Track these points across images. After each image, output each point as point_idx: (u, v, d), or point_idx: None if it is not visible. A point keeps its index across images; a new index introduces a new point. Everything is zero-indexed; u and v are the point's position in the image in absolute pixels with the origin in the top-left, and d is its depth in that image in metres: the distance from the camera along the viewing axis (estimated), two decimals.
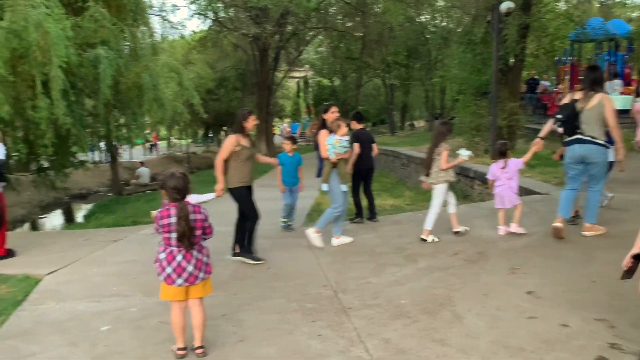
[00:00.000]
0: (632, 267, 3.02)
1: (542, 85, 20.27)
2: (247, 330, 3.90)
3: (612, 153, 5.89)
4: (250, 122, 5.81)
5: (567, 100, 5.77)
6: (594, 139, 5.49)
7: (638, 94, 16.18)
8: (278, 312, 4.25)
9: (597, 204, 5.77)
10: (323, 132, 6.27)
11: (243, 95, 34.91)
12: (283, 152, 7.43)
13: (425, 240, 6.14)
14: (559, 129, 5.74)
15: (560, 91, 17.68)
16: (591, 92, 5.53)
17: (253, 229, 5.82)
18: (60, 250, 6.96)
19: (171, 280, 3.38)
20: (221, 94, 33.35)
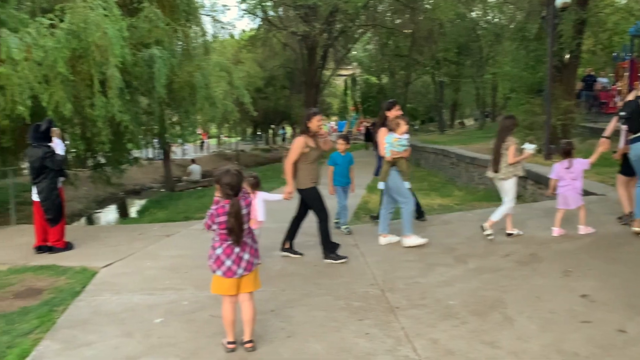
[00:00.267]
0: None
1: (599, 83, 19.52)
2: (295, 326, 3.94)
3: None
4: (314, 123, 5.72)
5: (631, 97, 5.61)
6: None
7: None
8: (325, 309, 4.27)
9: None
10: (382, 130, 6.19)
11: (291, 93, 35.22)
12: (335, 152, 7.26)
13: (485, 230, 6.11)
14: (623, 127, 5.57)
15: (618, 88, 16.98)
16: None
17: (326, 228, 5.75)
18: (115, 243, 7.21)
19: (232, 273, 3.46)
20: (270, 93, 33.79)
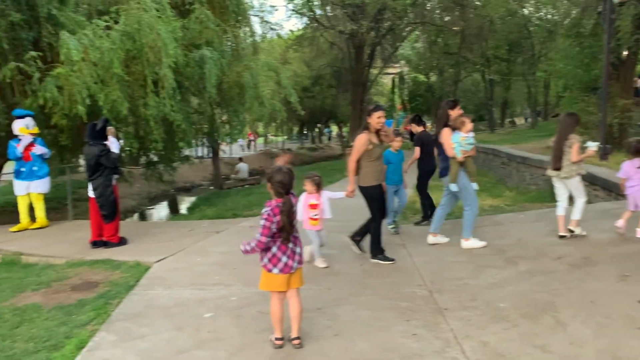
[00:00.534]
0: None
1: None
2: (341, 324, 3.95)
3: None
4: (374, 119, 5.50)
5: None
6: None
7: None
8: (371, 309, 4.26)
9: None
10: (446, 131, 5.99)
11: (338, 92, 35.25)
12: (387, 150, 7.06)
13: (572, 232, 5.96)
14: None
15: None
16: None
17: (378, 229, 5.67)
18: (167, 239, 7.40)
19: (289, 268, 3.52)
20: (316, 92, 33.93)
